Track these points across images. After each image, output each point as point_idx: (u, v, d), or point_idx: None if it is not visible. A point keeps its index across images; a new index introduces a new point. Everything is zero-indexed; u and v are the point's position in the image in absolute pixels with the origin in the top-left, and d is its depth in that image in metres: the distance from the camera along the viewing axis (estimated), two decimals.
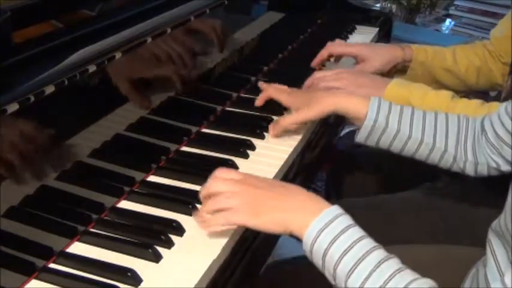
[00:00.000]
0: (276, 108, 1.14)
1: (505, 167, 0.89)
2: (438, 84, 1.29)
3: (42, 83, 0.70)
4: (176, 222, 0.81)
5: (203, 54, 1.10)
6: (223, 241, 0.78)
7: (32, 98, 0.68)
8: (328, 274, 0.71)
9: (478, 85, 1.31)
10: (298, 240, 0.74)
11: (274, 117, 1.11)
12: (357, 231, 0.71)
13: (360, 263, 0.68)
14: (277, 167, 0.96)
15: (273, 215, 0.74)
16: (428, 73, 1.28)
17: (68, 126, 0.78)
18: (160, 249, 0.76)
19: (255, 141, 1.02)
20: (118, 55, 0.82)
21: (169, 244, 0.77)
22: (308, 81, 1.16)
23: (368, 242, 0.70)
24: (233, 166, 0.95)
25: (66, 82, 0.73)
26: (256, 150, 1.01)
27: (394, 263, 0.68)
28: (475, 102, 1.04)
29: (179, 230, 0.80)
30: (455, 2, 2.51)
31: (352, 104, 0.97)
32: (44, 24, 0.78)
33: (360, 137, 0.97)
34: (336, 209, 0.73)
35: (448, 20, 2.45)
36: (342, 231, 0.70)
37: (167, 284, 0.71)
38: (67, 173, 0.77)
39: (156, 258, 0.75)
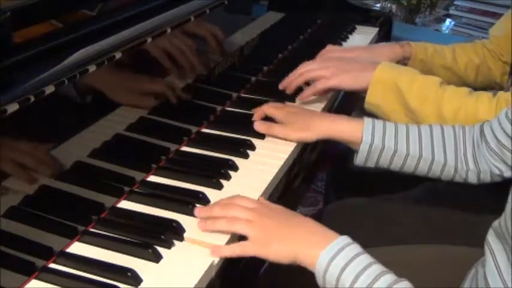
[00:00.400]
0: None
1: (507, 173, 0.89)
2: None
3: (42, 83, 0.70)
4: (176, 222, 0.81)
5: (203, 54, 1.10)
6: (223, 241, 0.78)
7: (32, 98, 0.68)
8: None
9: (477, 83, 1.31)
10: None
11: None
12: (365, 258, 0.73)
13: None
14: (277, 167, 0.96)
15: (282, 247, 0.77)
16: (428, 70, 1.28)
17: (68, 126, 0.78)
18: (160, 249, 0.76)
19: (255, 141, 1.02)
20: (118, 55, 0.82)
21: (169, 244, 0.77)
22: (293, 75, 1.15)
23: (377, 268, 0.72)
24: (233, 166, 0.95)
25: (66, 82, 0.73)
26: (256, 150, 1.01)
27: (403, 286, 0.70)
28: (464, 89, 1.04)
29: (179, 230, 0.80)
30: (455, 2, 2.51)
31: (346, 130, 0.97)
32: (44, 24, 0.78)
33: (358, 161, 0.98)
34: (344, 239, 0.75)
35: (448, 20, 2.45)
36: (352, 259, 0.72)
37: (167, 284, 0.71)
38: (67, 173, 0.77)
39: (156, 258, 0.75)
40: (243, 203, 0.82)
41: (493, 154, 0.89)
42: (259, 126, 1.04)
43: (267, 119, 1.06)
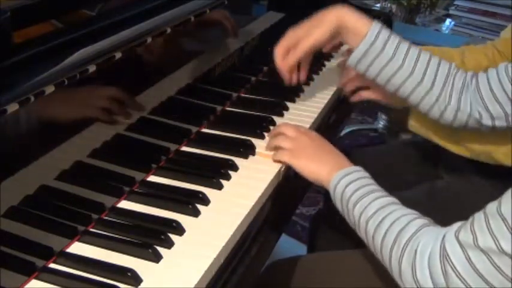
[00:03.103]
0: (276, 108, 1.14)
1: (486, 121, 0.93)
2: None
3: (42, 83, 0.70)
4: (176, 222, 0.81)
5: (203, 54, 1.10)
6: (223, 241, 0.78)
7: (32, 98, 0.68)
8: (344, 201, 0.86)
9: None
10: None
11: (274, 117, 1.11)
12: (367, 181, 0.86)
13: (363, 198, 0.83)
14: (278, 167, 0.96)
15: (309, 163, 0.93)
16: None
17: (68, 126, 0.78)
18: (160, 249, 0.76)
19: (255, 141, 1.02)
20: (118, 55, 0.82)
21: (169, 244, 0.77)
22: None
23: (374, 188, 0.85)
24: (233, 166, 0.95)
25: (66, 82, 0.73)
26: (257, 150, 1.01)
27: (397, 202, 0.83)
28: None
29: (179, 230, 0.80)
30: (455, 2, 2.51)
31: (354, 21, 0.98)
32: (44, 24, 0.78)
33: (352, 58, 0.98)
34: (356, 168, 0.89)
35: (448, 20, 2.45)
36: (356, 179, 0.86)
37: (167, 284, 0.71)
38: (67, 173, 0.77)
39: (156, 258, 0.75)
40: (291, 127, 1.00)
41: (479, 99, 0.92)
42: (279, 58, 1.06)
43: None
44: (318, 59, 1.40)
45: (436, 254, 0.70)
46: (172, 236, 0.79)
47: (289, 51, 1.05)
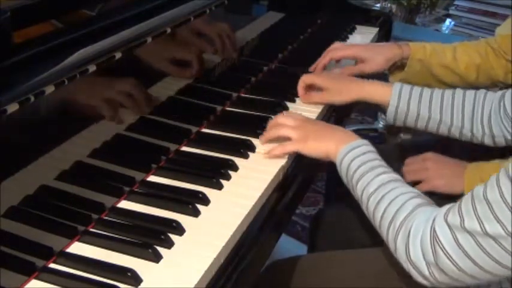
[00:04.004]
0: (276, 108, 1.14)
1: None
2: (436, 80, 1.30)
3: (42, 83, 0.70)
4: (176, 222, 0.81)
5: (203, 53, 1.10)
6: (223, 241, 0.78)
7: (32, 98, 0.68)
8: (349, 177, 0.90)
9: (478, 82, 1.31)
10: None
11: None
12: (371, 155, 0.89)
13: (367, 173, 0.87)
14: (278, 167, 0.96)
15: (317, 143, 0.96)
16: (427, 70, 1.29)
17: (68, 125, 0.78)
18: (160, 249, 0.76)
19: (255, 141, 1.02)
20: (118, 55, 0.82)
21: (169, 244, 0.77)
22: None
23: (377, 165, 0.88)
24: (233, 166, 0.95)
25: (66, 82, 0.73)
26: (256, 150, 1.01)
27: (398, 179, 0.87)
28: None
29: (179, 230, 0.80)
30: (455, 2, 2.51)
31: (377, 93, 1.09)
32: (44, 24, 0.78)
33: (388, 121, 1.10)
34: (362, 141, 0.92)
35: (448, 20, 2.45)
36: (362, 154, 0.90)
37: (167, 284, 0.71)
38: (67, 173, 0.77)
39: (156, 258, 0.75)
40: (291, 117, 1.02)
41: (508, 120, 0.96)
42: (302, 96, 1.17)
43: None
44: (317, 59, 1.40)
45: (426, 235, 0.74)
46: (172, 236, 0.78)
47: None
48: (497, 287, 0.82)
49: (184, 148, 1.00)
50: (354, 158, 0.89)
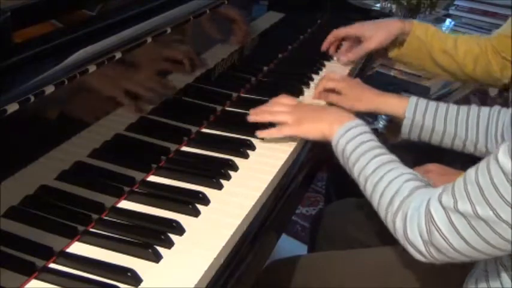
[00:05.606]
0: None
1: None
2: (434, 63, 1.32)
3: (42, 83, 0.70)
4: (176, 222, 0.81)
5: (203, 54, 1.10)
6: (223, 241, 0.78)
7: (32, 98, 0.68)
8: (345, 159, 0.92)
9: (475, 73, 1.32)
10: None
11: None
12: (367, 136, 0.92)
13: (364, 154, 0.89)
14: (277, 167, 0.96)
15: (312, 124, 0.98)
16: (425, 49, 1.32)
17: (68, 125, 0.78)
18: (160, 249, 0.76)
19: (255, 141, 1.02)
20: (118, 55, 0.82)
21: (169, 244, 0.77)
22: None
23: (373, 146, 0.90)
24: (233, 166, 0.95)
25: (66, 82, 0.73)
26: (256, 150, 1.01)
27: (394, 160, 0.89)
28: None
29: (179, 230, 0.80)
30: (455, 2, 2.50)
31: (393, 105, 1.10)
32: (44, 24, 0.78)
33: (403, 134, 1.10)
34: (358, 122, 0.94)
35: (448, 20, 2.44)
36: (358, 135, 0.92)
37: (167, 284, 0.71)
38: (67, 173, 0.77)
39: (156, 258, 0.75)
40: (285, 101, 1.05)
41: None
42: (319, 95, 1.18)
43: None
44: (317, 59, 1.40)
45: (422, 216, 0.77)
46: (172, 236, 0.79)
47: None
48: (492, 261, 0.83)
49: (184, 148, 1.01)
50: (350, 139, 0.91)
